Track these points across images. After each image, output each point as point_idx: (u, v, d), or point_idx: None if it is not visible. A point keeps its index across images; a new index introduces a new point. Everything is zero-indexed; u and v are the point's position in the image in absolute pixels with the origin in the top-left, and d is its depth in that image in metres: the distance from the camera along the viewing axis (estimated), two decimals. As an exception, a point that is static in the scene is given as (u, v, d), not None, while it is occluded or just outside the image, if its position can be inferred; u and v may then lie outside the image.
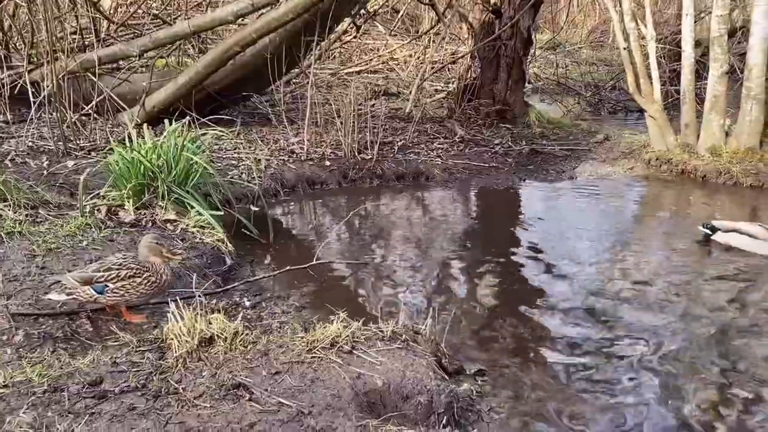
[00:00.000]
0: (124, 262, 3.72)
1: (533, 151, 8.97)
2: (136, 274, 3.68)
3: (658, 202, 7.41)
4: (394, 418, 3.03)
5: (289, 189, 7.25)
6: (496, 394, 3.64)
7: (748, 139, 7.65)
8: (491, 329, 4.36)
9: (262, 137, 8.20)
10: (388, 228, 6.42)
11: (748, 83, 7.57)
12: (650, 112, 8.19)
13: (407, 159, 8.20)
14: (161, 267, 3.78)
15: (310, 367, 3.16)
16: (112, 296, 3.65)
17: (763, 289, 4.93)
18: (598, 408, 3.50)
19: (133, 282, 3.66)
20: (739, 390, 3.63)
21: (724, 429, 3.31)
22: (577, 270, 5.31)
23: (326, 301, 4.53)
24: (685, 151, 7.94)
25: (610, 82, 12.92)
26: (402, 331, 3.69)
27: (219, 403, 2.84)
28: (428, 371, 3.34)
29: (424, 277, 5.20)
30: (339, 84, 10.95)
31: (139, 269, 3.71)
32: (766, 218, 6.58)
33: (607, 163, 8.53)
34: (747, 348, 4.07)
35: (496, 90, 9.88)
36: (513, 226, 6.61)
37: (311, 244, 5.89)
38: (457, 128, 9.37)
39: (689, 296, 4.83)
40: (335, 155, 7.89)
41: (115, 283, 3.63)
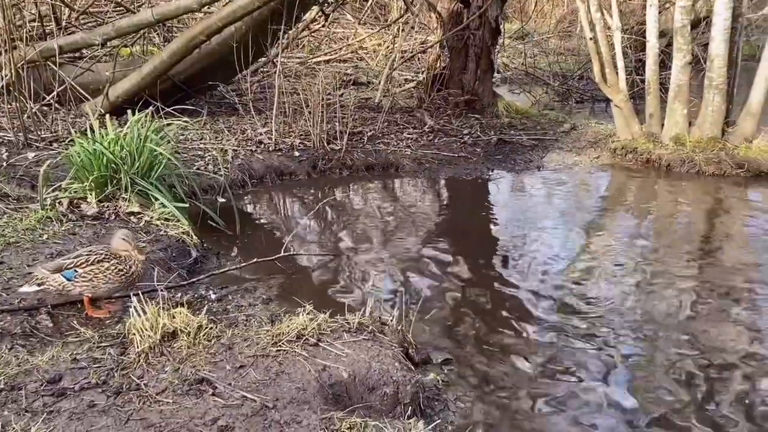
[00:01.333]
0: (93, 249, 3.70)
1: (501, 141, 9.02)
2: (104, 260, 3.62)
3: (623, 190, 7.52)
4: (359, 409, 3.03)
5: (257, 180, 7.18)
6: (463, 383, 3.67)
7: (710, 128, 7.79)
8: (459, 319, 4.39)
9: (229, 127, 8.10)
10: (357, 219, 6.40)
11: (710, 73, 7.70)
12: (616, 101, 8.30)
13: (377, 149, 8.18)
14: (131, 259, 3.71)
15: (275, 360, 3.14)
16: (80, 281, 3.58)
17: (724, 272, 5.05)
18: (566, 395, 3.54)
19: (100, 266, 3.60)
20: (699, 371, 3.71)
21: (689, 411, 3.38)
22: (545, 259, 5.36)
23: (294, 293, 4.52)
24: (650, 140, 8.05)
25: (578, 72, 13.04)
26: (369, 322, 3.69)
27: (182, 399, 2.81)
28: (394, 362, 3.34)
29: (393, 268, 5.20)
30: (308, 73, 10.86)
31: (107, 255, 3.65)
32: (727, 206, 6.73)
33: (573, 152, 8.61)
34: (708, 330, 4.15)
35: (465, 80, 9.90)
36: (482, 216, 6.65)
37: (279, 235, 5.85)
38: (427, 118, 9.37)
39: (655, 281, 4.92)
40: (304, 145, 7.84)
41: (83, 268, 3.57)
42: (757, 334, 4.13)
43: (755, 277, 5.01)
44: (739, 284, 4.89)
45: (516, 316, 4.43)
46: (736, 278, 4.99)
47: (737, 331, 4.19)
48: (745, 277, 5.02)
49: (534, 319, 4.39)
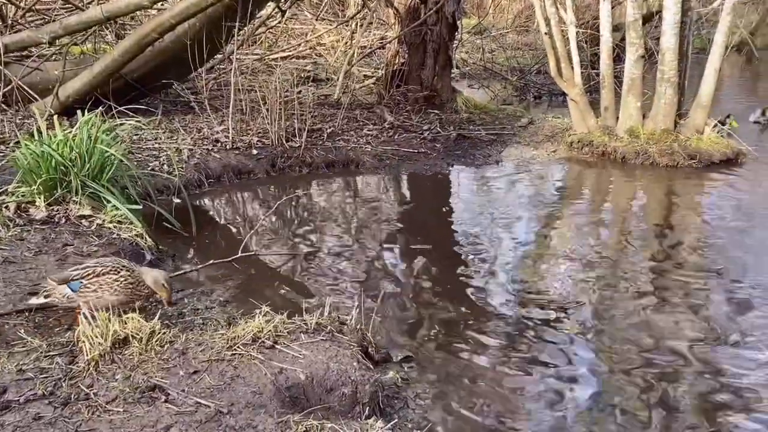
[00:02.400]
0: (101, 261, 3.61)
1: (461, 137, 9.05)
2: (111, 272, 3.50)
3: (580, 183, 7.62)
4: (317, 411, 3.00)
5: (214, 179, 7.06)
6: (423, 379, 3.67)
7: (663, 120, 7.95)
8: (420, 315, 4.38)
9: (185, 126, 7.95)
10: (317, 217, 6.35)
11: (661, 66, 7.85)
12: (572, 95, 8.40)
13: (337, 146, 8.13)
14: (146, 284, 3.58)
15: (230, 364, 3.08)
16: (85, 291, 3.47)
17: (678, 261, 5.15)
18: (526, 389, 3.57)
19: (108, 278, 3.48)
20: (654, 361, 3.79)
21: (646, 401, 3.44)
22: (505, 253, 5.40)
23: (252, 295, 4.45)
24: (605, 133, 8.18)
25: (535, 67, 13.17)
26: (327, 322, 3.66)
27: (133, 407, 2.74)
28: (353, 362, 3.32)
29: (353, 266, 5.17)
30: (265, 70, 10.73)
31: (116, 267, 3.53)
32: (680, 196, 6.88)
33: (531, 146, 8.70)
34: (665, 320, 4.24)
35: (424, 75, 9.90)
36: (442, 211, 6.66)
37: (237, 235, 5.76)
38: (387, 114, 9.35)
39: (612, 272, 4.99)
40: (262, 143, 7.73)
41: (90, 279, 3.47)
42: (713, 324, 4.22)
43: (708, 267, 5.12)
44: (693, 273, 5.00)
45: (476, 311, 4.46)
46: (690, 267, 5.10)
47: (692, 320, 4.28)
48: (698, 266, 5.13)
49: (494, 314, 4.42)
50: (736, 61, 17.31)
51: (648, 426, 3.25)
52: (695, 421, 3.28)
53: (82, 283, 3.48)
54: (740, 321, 4.25)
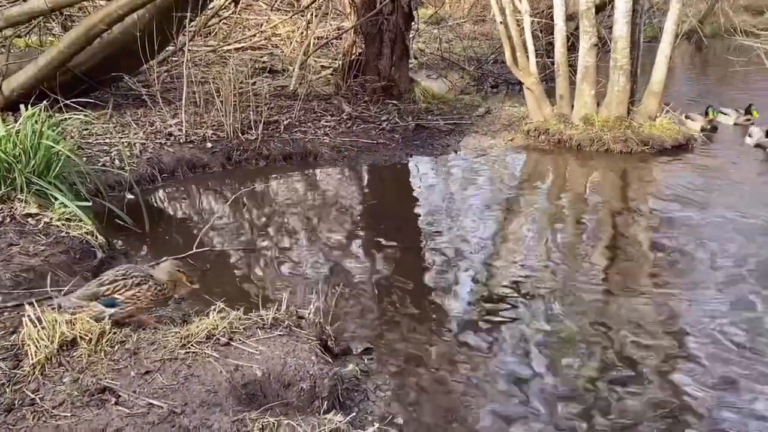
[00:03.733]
0: (126, 272, 3.58)
1: (419, 127, 9.03)
2: (141, 282, 3.52)
3: (537, 171, 7.69)
4: (275, 407, 2.95)
5: (167, 174, 6.90)
6: (384, 371, 3.65)
7: (617, 107, 8.06)
8: (380, 307, 4.36)
9: (137, 120, 7.74)
10: (275, 210, 6.27)
11: (614, 54, 7.96)
12: (527, 84, 8.46)
13: (294, 138, 8.02)
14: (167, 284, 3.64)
15: (183, 363, 3.01)
16: (126, 306, 3.46)
17: (632, 246, 5.24)
18: (486, 376, 3.58)
19: (141, 289, 3.50)
20: (611, 344, 3.84)
21: (603, 384, 3.48)
22: (465, 243, 5.41)
23: (208, 292, 4.36)
24: (561, 121, 8.26)
25: (492, 56, 13.22)
26: (284, 317, 3.60)
27: (81, 411, 2.64)
28: (311, 356, 3.28)
29: (312, 259, 5.11)
30: (219, 62, 10.52)
31: (143, 277, 3.56)
32: (634, 182, 7.00)
33: (489, 135, 8.74)
34: (625, 308, 4.30)
35: (381, 66, 9.84)
36: (401, 202, 6.64)
37: (192, 231, 5.63)
38: (344, 105, 9.27)
39: (570, 257, 5.05)
40: (217, 136, 7.59)
41: (124, 293, 3.46)
42: (665, 309, 4.30)
43: (660, 249, 5.22)
44: (647, 257, 5.09)
45: (437, 301, 4.45)
46: (643, 251, 5.19)
47: (646, 304, 4.35)
48: (651, 249, 5.23)
49: (454, 303, 4.42)
50: (686, 49, 17.71)
51: (607, 409, 3.29)
52: (654, 404, 3.34)
53: (117, 299, 3.47)
54: (693, 299, 4.34)
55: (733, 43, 12.72)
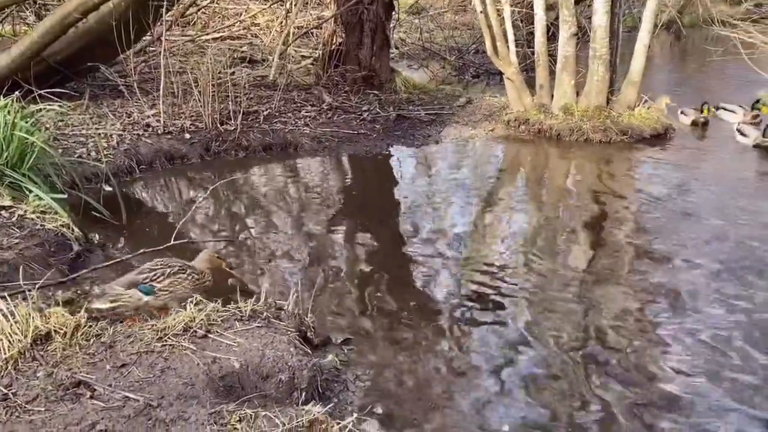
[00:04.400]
0: (165, 263, 3.75)
1: (400, 117, 9.01)
2: (179, 271, 3.69)
3: (517, 161, 7.71)
4: (254, 399, 2.93)
5: (146, 165, 6.83)
6: (363, 361, 3.65)
7: (596, 97, 8.10)
8: (361, 297, 4.35)
9: (114, 111, 7.63)
10: (254, 202, 6.23)
11: (593, 44, 7.98)
12: (508, 74, 8.46)
13: (274, 129, 7.97)
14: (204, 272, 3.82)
15: (160, 356, 2.98)
16: (161, 295, 3.62)
17: (613, 234, 5.29)
18: (466, 369, 3.58)
19: (178, 278, 3.67)
20: (592, 333, 3.87)
21: (583, 373, 3.51)
22: (446, 233, 5.41)
23: (186, 283, 4.33)
24: (541, 111, 8.28)
25: (473, 46, 13.21)
26: (263, 308, 3.59)
27: (56, 406, 2.61)
28: (290, 347, 3.27)
29: (292, 251, 5.09)
30: (198, 52, 10.40)
31: (181, 266, 3.72)
32: (613, 171, 7.04)
33: (470, 125, 8.74)
34: (601, 292, 4.33)
35: (362, 55, 9.79)
36: (382, 193, 6.63)
37: (171, 223, 5.57)
38: (325, 95, 9.22)
39: (551, 245, 5.07)
40: (196, 127, 7.51)
41: (162, 282, 3.62)
42: (647, 296, 4.34)
43: (639, 237, 5.27)
44: (626, 245, 5.13)
45: (417, 290, 4.46)
46: (624, 240, 5.24)
47: (626, 292, 4.39)
48: (631, 238, 5.27)
49: (435, 293, 4.42)
50: (665, 39, 17.83)
51: (585, 396, 3.33)
52: (630, 387, 3.38)
53: (154, 287, 3.60)
54: (670, 287, 4.39)
55: (711, 33, 12.84)
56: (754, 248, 4.94)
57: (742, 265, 4.69)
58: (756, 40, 9.60)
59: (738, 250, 4.92)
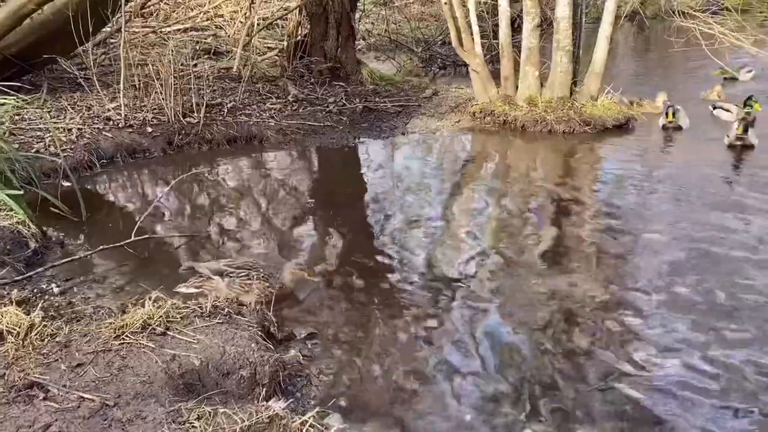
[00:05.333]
0: (254, 265, 4.00)
1: (367, 109, 8.98)
2: (263, 278, 3.92)
3: (483, 153, 7.75)
4: (214, 396, 2.91)
5: (106, 160, 6.70)
6: (327, 355, 3.64)
7: (559, 88, 8.17)
8: (326, 291, 4.33)
9: (73, 104, 7.47)
10: (218, 196, 6.15)
11: (557, 35, 8.04)
12: (473, 66, 8.49)
13: (238, 121, 7.88)
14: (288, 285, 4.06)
15: (117, 354, 2.93)
16: (236, 288, 3.85)
17: (576, 224, 5.35)
18: (432, 360, 3.58)
19: (255, 283, 3.88)
20: (558, 315, 3.92)
21: (549, 360, 3.55)
22: (413, 225, 5.41)
23: (147, 280, 4.28)
24: (506, 102, 8.33)
25: (440, 38, 13.21)
26: (224, 304, 3.56)
27: (7, 408, 2.55)
28: (251, 343, 3.24)
29: (256, 245, 5.04)
30: (160, 43, 10.22)
31: (266, 275, 3.95)
32: (576, 161, 7.13)
33: (436, 117, 8.76)
34: (567, 284, 4.38)
35: (327, 47, 9.74)
36: (349, 185, 6.61)
37: (132, 218, 5.48)
38: (290, 87, 9.15)
39: (518, 240, 5.11)
40: (158, 120, 7.39)
41: (242, 279, 3.87)
42: (607, 284, 4.40)
43: (602, 226, 5.34)
44: (588, 235, 5.20)
45: (383, 283, 4.44)
46: (587, 229, 5.30)
47: (586, 279, 4.45)
48: (594, 227, 5.34)
49: (401, 286, 4.42)
50: (629, 30, 18.07)
51: (551, 383, 3.36)
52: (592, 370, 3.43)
53: (234, 281, 3.86)
54: (630, 273, 4.47)
55: (673, 24, 13.03)
56: (712, 236, 5.04)
57: (699, 249, 4.78)
58: (714, 31, 9.76)
59: (697, 236, 5.02)
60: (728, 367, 3.45)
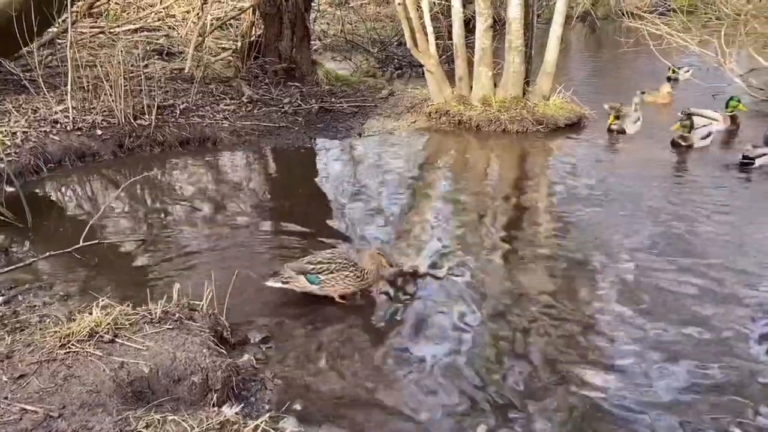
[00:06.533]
0: (333, 257, 4.09)
1: (323, 109, 8.96)
2: (343, 268, 4.04)
3: (438, 152, 7.80)
4: (164, 403, 2.86)
5: (54, 164, 6.52)
6: (282, 358, 3.60)
7: (513, 88, 8.29)
8: (280, 294, 4.27)
9: (18, 107, 7.24)
10: (170, 199, 6.04)
11: (509, 36, 8.15)
12: (428, 66, 8.54)
13: (191, 123, 7.76)
14: (369, 269, 4.09)
15: (63, 364, 2.85)
16: (325, 286, 4.04)
17: (530, 219, 5.43)
18: (387, 362, 3.58)
19: (341, 275, 4.03)
20: (516, 310, 3.96)
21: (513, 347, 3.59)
22: (369, 224, 5.41)
23: (96, 287, 4.17)
24: (461, 102, 8.41)
25: (396, 38, 13.26)
26: (175, 309, 3.50)
27: (-56, 423, 2.46)
28: (203, 349, 3.20)
29: (209, 249, 4.95)
30: (111, 44, 9.99)
31: (347, 264, 4.06)
32: (529, 159, 7.23)
33: (392, 117, 8.78)
34: (523, 278, 4.44)
35: (282, 47, 9.67)
36: (304, 186, 6.56)
37: (81, 223, 5.33)
38: (245, 88, 9.05)
39: (472, 236, 5.15)
40: (108, 123, 7.22)
41: (326, 275, 4.02)
42: (558, 280, 4.47)
43: (555, 222, 5.43)
44: (543, 230, 5.28)
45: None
46: (541, 226, 5.39)
47: (542, 272, 4.52)
48: (547, 222, 5.43)
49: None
50: (581, 30, 18.45)
51: (505, 381, 3.40)
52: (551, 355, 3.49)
53: (320, 278, 4.01)
54: (581, 269, 4.56)
55: (623, 24, 13.35)
56: (658, 226, 5.18)
57: (649, 238, 4.91)
58: (662, 31, 10.04)
59: (644, 228, 5.14)
60: (673, 359, 3.55)
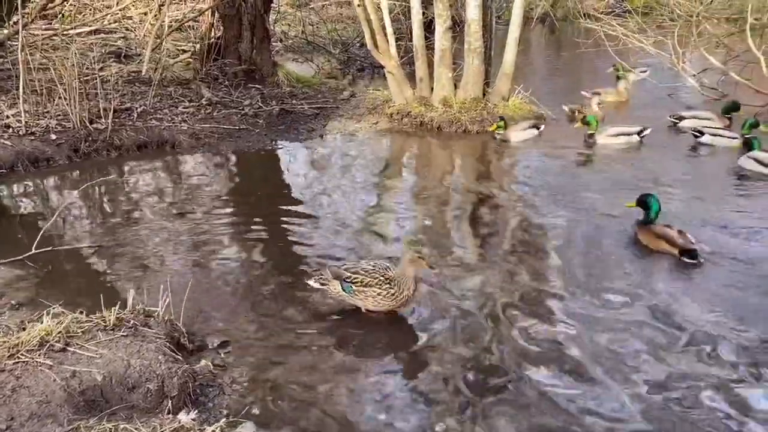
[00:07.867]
0: (372, 270, 3.91)
1: (284, 111, 8.91)
2: (377, 285, 3.85)
3: (400, 153, 7.83)
4: (118, 412, 2.81)
5: (5, 169, 6.36)
6: (241, 363, 3.58)
7: (472, 89, 8.37)
8: (240, 298, 4.25)
9: (-33, 111, 7.05)
10: (127, 203, 5.94)
11: (468, 38, 8.23)
12: (388, 68, 8.57)
13: (149, 126, 7.65)
14: (407, 282, 3.85)
15: (11, 374, 2.79)
16: (355, 297, 3.93)
17: (478, 217, 5.49)
18: (346, 364, 3.59)
19: (372, 291, 3.86)
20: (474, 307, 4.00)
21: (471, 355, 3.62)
22: (332, 228, 5.40)
23: (49, 295, 4.08)
24: (422, 103, 8.46)
25: (357, 40, 13.25)
26: (130, 316, 3.44)
27: None
28: (158, 355, 3.16)
29: (165, 254, 4.89)
30: (65, 46, 9.78)
31: (381, 281, 3.86)
32: (489, 160, 7.31)
33: (354, 119, 8.79)
34: (480, 274, 4.49)
35: (242, 49, 9.60)
36: (265, 189, 6.51)
37: (34, 230, 5.20)
38: (204, 90, 8.96)
39: (436, 237, 5.18)
40: (62, 127, 7.08)
41: (357, 287, 3.88)
42: (521, 275, 4.54)
43: (513, 221, 5.50)
44: (501, 229, 5.34)
45: (298, 290, 4.36)
46: (497, 223, 5.45)
47: (501, 273, 4.57)
48: (505, 221, 5.50)
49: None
50: (540, 31, 18.71)
51: (466, 378, 3.43)
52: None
53: (352, 288, 3.89)
54: (542, 264, 4.63)
55: (581, 26, 13.60)
56: (600, 218, 5.30)
57: (596, 230, 5.02)
58: (618, 32, 10.26)
59: (592, 220, 5.26)
60: (621, 346, 3.63)
